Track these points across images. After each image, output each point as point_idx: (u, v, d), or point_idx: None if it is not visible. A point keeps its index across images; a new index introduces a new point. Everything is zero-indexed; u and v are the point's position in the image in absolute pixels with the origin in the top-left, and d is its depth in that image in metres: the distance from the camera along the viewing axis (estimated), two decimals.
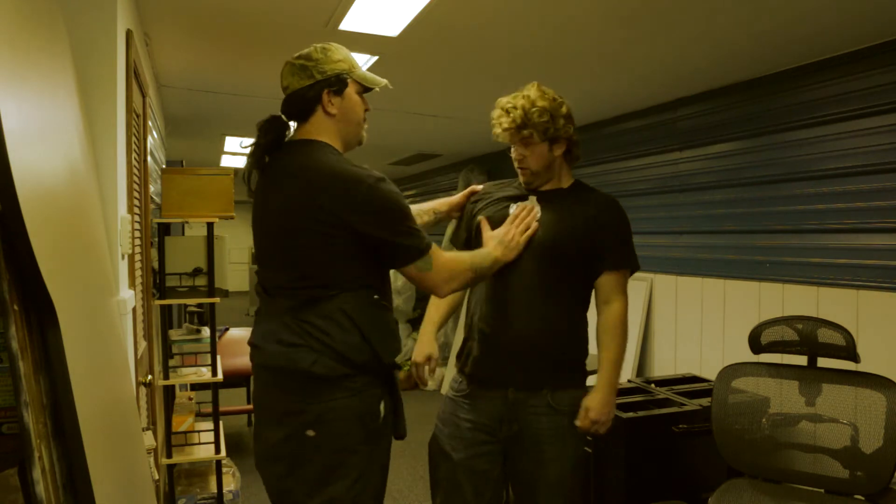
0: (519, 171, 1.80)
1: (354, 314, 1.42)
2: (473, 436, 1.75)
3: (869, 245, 2.50)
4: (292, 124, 1.57)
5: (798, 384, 1.99)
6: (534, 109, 1.69)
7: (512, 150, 1.80)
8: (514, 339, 1.71)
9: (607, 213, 1.76)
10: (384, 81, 1.59)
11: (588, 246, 1.71)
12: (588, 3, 2.17)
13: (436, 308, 1.98)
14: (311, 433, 1.41)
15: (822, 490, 1.91)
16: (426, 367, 1.85)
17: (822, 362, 1.96)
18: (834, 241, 2.64)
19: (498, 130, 1.79)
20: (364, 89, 1.57)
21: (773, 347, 2.02)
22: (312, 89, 1.49)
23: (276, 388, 1.48)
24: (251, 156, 1.55)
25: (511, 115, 1.72)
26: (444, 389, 5.71)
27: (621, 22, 2.33)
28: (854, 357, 1.87)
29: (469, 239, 1.89)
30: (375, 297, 1.47)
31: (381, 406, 1.48)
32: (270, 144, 1.53)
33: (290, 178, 1.46)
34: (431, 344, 1.88)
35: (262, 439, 1.50)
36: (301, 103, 1.51)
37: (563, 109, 1.73)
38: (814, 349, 1.96)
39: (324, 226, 1.39)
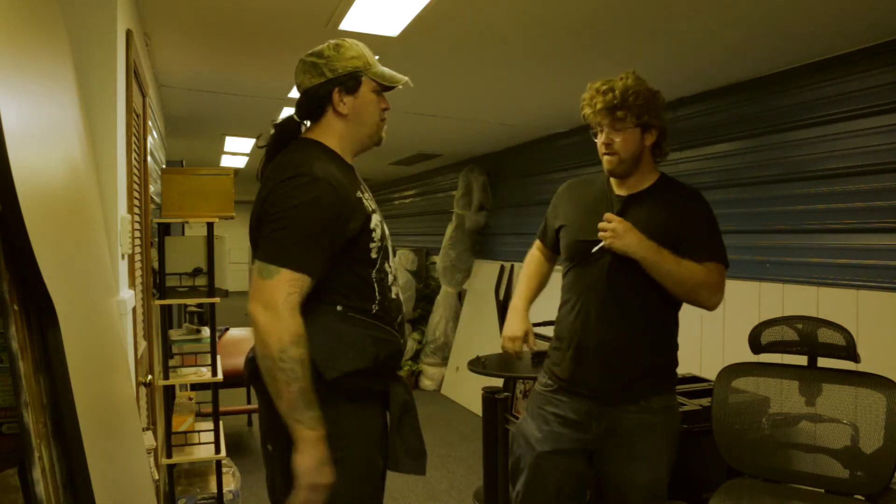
0: (605, 158, 1.71)
1: None
2: (560, 431, 1.74)
3: (869, 245, 2.50)
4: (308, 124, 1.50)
5: (798, 384, 1.99)
6: (631, 92, 1.64)
7: (599, 135, 1.72)
8: (612, 350, 1.69)
9: (692, 207, 1.71)
10: (405, 79, 1.48)
11: (677, 243, 1.65)
12: (588, 4, 2.17)
13: (527, 282, 1.92)
14: (269, 447, 1.41)
15: (823, 490, 1.91)
16: (520, 343, 1.81)
17: (822, 362, 1.96)
18: (834, 241, 2.64)
19: (589, 111, 1.70)
20: (383, 87, 1.47)
21: (773, 347, 2.02)
22: (323, 87, 1.42)
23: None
24: (263, 157, 1.52)
25: (607, 95, 1.65)
26: (444, 390, 5.71)
27: (621, 22, 2.33)
28: (854, 357, 1.87)
29: (554, 245, 1.89)
30: (338, 307, 1.36)
31: (336, 426, 1.32)
32: (276, 146, 1.48)
33: (264, 181, 1.42)
34: (525, 321, 1.83)
35: None
36: (312, 102, 1.44)
37: (659, 98, 1.69)
38: (814, 349, 1.96)
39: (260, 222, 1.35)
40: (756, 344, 2.03)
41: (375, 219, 1.43)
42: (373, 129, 1.48)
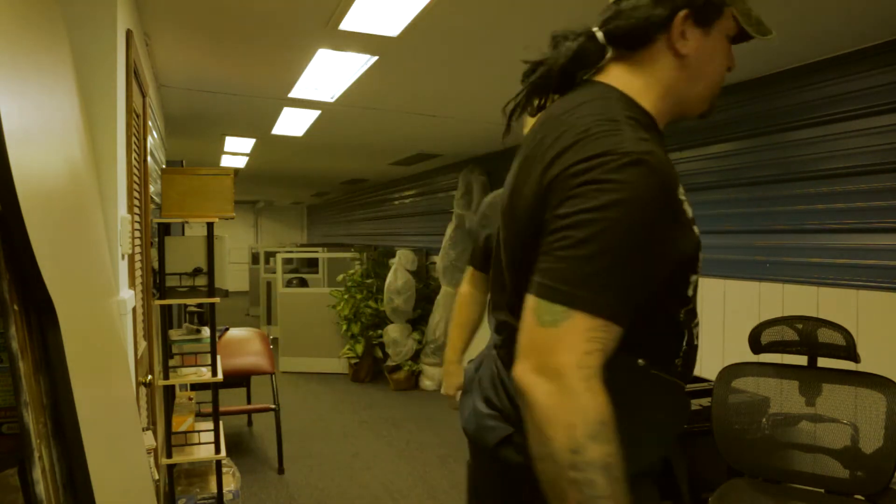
0: None
1: None
2: None
3: (869, 245, 2.50)
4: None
5: (798, 384, 1.99)
6: None
7: None
8: None
9: None
10: (772, 33, 0.97)
11: None
12: (589, 4, 2.16)
13: (459, 331, 1.94)
14: None
15: (823, 490, 1.91)
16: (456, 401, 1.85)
17: (822, 362, 1.96)
18: (834, 241, 2.64)
19: None
20: (740, 35, 0.97)
21: (773, 347, 2.02)
22: (663, 4, 0.93)
23: (481, 474, 1.05)
24: (525, 92, 1.06)
25: None
26: (444, 390, 5.71)
27: None
28: (854, 357, 1.87)
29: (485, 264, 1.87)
30: (640, 361, 0.91)
31: None
32: (560, 80, 1.01)
33: (532, 142, 0.95)
34: (459, 374, 1.88)
35: None
36: (636, 22, 0.94)
37: None
38: (814, 349, 1.96)
39: (536, 224, 0.86)
40: (756, 344, 2.04)
41: (697, 232, 0.95)
42: (707, 91, 0.99)
